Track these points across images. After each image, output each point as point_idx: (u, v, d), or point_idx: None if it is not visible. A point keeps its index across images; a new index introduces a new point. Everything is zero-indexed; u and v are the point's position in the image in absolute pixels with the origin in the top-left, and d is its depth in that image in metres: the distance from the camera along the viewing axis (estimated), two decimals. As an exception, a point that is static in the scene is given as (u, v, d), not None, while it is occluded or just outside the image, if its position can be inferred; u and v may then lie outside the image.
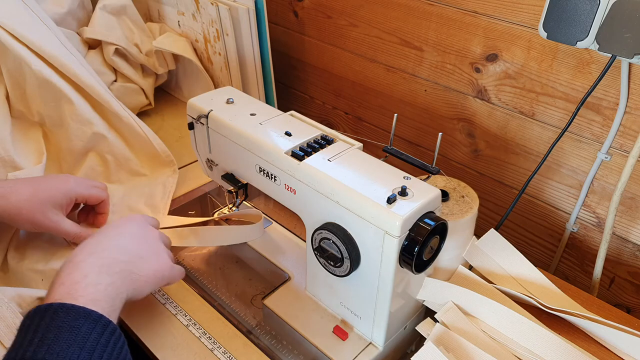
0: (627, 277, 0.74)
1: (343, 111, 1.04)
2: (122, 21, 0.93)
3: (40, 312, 0.42)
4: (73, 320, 0.42)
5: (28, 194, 0.61)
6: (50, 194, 0.62)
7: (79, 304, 0.43)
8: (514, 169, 0.80)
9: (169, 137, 0.93)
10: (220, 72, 0.96)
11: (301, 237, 0.73)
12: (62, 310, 0.42)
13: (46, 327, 0.41)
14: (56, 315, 0.42)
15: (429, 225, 0.48)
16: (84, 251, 0.50)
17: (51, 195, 0.62)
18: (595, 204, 0.73)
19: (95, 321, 0.43)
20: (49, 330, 0.40)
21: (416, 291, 0.59)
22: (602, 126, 0.68)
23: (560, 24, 0.60)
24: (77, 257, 0.49)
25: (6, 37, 0.69)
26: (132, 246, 0.54)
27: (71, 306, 0.43)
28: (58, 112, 0.76)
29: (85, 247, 0.51)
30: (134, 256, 0.53)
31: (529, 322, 0.56)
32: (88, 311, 0.43)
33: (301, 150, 0.55)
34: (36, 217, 0.61)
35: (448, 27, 0.78)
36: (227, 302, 0.65)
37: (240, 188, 0.67)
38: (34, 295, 0.57)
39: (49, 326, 0.41)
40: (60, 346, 0.40)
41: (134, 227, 0.56)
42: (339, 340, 0.58)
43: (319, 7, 0.94)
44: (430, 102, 0.86)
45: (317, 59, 1.02)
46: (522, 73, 0.72)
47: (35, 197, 0.61)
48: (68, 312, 0.42)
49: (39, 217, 0.61)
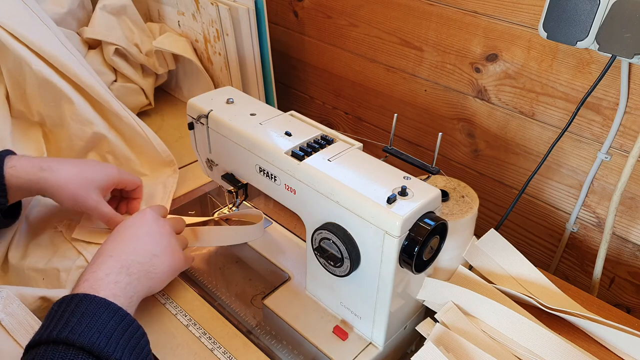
0: (627, 277, 0.74)
1: (343, 111, 1.04)
2: (122, 21, 0.93)
3: (67, 300, 0.47)
4: (94, 308, 0.47)
5: (75, 171, 0.64)
6: (95, 175, 0.66)
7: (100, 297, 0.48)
8: (514, 169, 0.80)
9: (169, 137, 0.93)
10: (220, 72, 0.96)
11: (301, 237, 0.73)
12: (85, 299, 0.47)
13: (71, 313, 0.46)
14: (80, 303, 0.47)
15: (429, 225, 0.48)
16: (104, 253, 0.54)
17: (96, 177, 0.65)
18: (595, 204, 0.73)
19: (114, 311, 0.48)
20: (73, 315, 0.45)
21: (416, 291, 0.59)
22: (602, 126, 0.68)
23: (560, 24, 0.60)
24: (99, 259, 0.53)
25: (6, 37, 0.69)
26: (147, 246, 0.57)
27: (93, 297, 0.48)
28: (58, 112, 0.76)
29: (105, 250, 0.55)
30: (150, 256, 0.56)
31: (529, 322, 0.56)
32: (108, 302, 0.48)
33: (301, 150, 0.55)
34: (79, 194, 0.64)
35: (448, 27, 0.78)
36: (227, 302, 0.65)
37: (240, 188, 0.67)
38: (36, 294, 0.57)
39: (73, 312, 0.46)
40: (81, 329, 0.44)
41: (148, 225, 0.59)
42: (339, 340, 0.58)
43: (319, 7, 0.95)
44: (430, 102, 0.86)
45: (317, 59, 1.02)
46: (522, 73, 0.72)
47: (81, 175, 0.64)
48: (90, 302, 0.47)
49: (82, 194, 0.64)
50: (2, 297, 0.53)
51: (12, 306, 0.53)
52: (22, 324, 0.52)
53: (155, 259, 0.57)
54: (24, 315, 0.53)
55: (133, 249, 0.55)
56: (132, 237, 0.57)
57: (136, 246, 0.56)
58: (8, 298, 0.53)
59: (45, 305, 0.58)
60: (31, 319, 0.53)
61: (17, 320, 0.52)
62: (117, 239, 0.57)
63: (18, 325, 0.52)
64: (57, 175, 0.63)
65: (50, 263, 0.66)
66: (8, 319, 0.52)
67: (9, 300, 0.53)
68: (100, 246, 0.56)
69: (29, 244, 0.68)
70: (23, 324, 0.52)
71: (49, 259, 0.66)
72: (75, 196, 0.64)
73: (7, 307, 0.53)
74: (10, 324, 0.52)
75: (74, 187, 0.63)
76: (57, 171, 0.63)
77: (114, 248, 0.55)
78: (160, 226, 0.60)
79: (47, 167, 0.63)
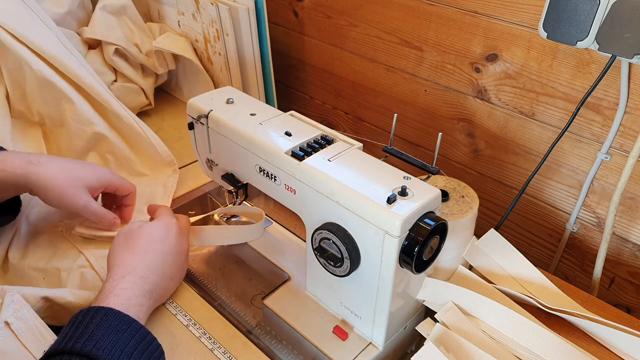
0: (627, 277, 0.74)
1: (343, 111, 1.04)
2: (122, 21, 0.93)
3: (93, 311, 0.48)
4: (119, 325, 0.47)
5: (64, 168, 0.62)
6: (85, 174, 0.64)
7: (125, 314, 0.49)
8: (514, 169, 0.80)
9: (169, 137, 0.93)
10: (220, 72, 0.96)
11: (301, 237, 0.73)
12: (111, 314, 0.48)
13: (96, 326, 0.46)
14: (106, 317, 0.47)
15: (429, 225, 0.48)
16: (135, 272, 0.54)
17: (86, 176, 0.64)
18: (595, 204, 0.73)
19: (136, 330, 0.48)
20: (99, 329, 0.46)
21: (416, 291, 0.59)
22: (602, 126, 0.68)
23: (560, 24, 0.60)
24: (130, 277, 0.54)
25: (6, 37, 0.69)
26: (169, 271, 0.58)
27: (118, 312, 0.48)
28: (58, 112, 0.76)
29: (136, 268, 0.55)
30: (168, 280, 0.58)
31: (529, 322, 0.56)
32: (131, 320, 0.49)
33: (301, 150, 0.55)
34: (68, 192, 0.62)
35: (448, 27, 0.78)
36: (227, 302, 0.65)
37: (240, 188, 0.67)
38: (37, 295, 0.57)
39: (98, 325, 0.46)
40: (106, 345, 0.45)
41: (173, 244, 0.60)
42: (339, 340, 0.58)
43: (319, 7, 0.95)
44: (430, 102, 0.86)
45: (317, 59, 1.02)
46: (522, 73, 0.72)
47: (71, 173, 0.62)
48: (116, 317, 0.48)
49: (70, 193, 0.62)
50: (13, 302, 0.53)
51: (23, 311, 0.53)
52: (32, 329, 0.52)
53: (170, 283, 0.59)
54: (34, 321, 0.53)
55: (160, 271, 0.57)
56: (160, 256, 0.57)
57: (162, 269, 0.57)
58: (19, 302, 0.54)
59: (47, 305, 0.58)
60: (40, 325, 0.53)
61: (27, 326, 0.52)
62: (146, 254, 0.57)
63: (27, 331, 0.52)
64: (45, 170, 0.60)
65: (50, 262, 0.66)
66: (18, 324, 0.52)
67: (19, 304, 0.54)
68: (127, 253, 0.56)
69: (29, 243, 0.68)
70: (32, 329, 0.52)
71: (50, 259, 0.66)
72: (62, 193, 0.61)
73: (17, 311, 0.53)
74: (19, 328, 0.52)
75: (61, 184, 0.61)
76: (45, 166, 0.61)
77: (145, 267, 0.55)
78: (182, 245, 0.61)
79: (36, 161, 0.61)
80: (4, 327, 0.51)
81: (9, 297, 0.54)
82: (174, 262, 0.59)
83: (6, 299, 0.53)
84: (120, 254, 0.56)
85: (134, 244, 0.57)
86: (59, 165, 0.62)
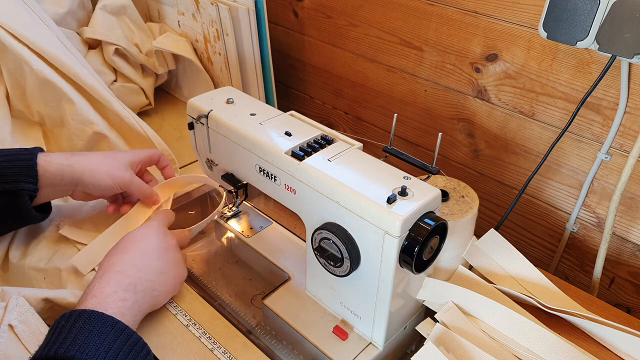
0: (627, 277, 0.74)
1: (343, 111, 1.04)
2: (122, 21, 0.93)
3: (75, 315, 0.47)
4: (101, 327, 0.47)
5: (103, 155, 0.68)
6: (123, 155, 0.69)
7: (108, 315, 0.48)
8: (514, 169, 0.80)
9: (169, 137, 0.93)
10: (220, 72, 0.96)
11: (301, 237, 0.73)
12: (94, 316, 0.48)
13: (79, 330, 0.46)
14: (89, 320, 0.47)
15: (429, 225, 0.48)
16: (112, 268, 0.55)
17: (124, 157, 0.69)
18: (595, 204, 0.73)
19: (120, 331, 0.48)
20: (81, 332, 0.46)
21: (416, 291, 0.59)
22: (602, 126, 0.68)
23: (560, 24, 0.60)
24: (107, 274, 0.54)
25: (6, 37, 0.69)
26: (154, 264, 0.58)
27: (101, 314, 0.48)
28: (58, 112, 0.76)
29: (113, 263, 0.55)
30: (156, 273, 0.57)
31: (529, 322, 0.56)
32: (115, 321, 0.48)
33: (301, 150, 0.55)
34: (114, 171, 0.66)
35: (448, 27, 0.78)
36: (227, 302, 0.65)
37: (240, 188, 0.67)
38: (39, 296, 0.57)
39: (81, 329, 0.46)
40: (89, 348, 0.45)
41: (155, 241, 0.60)
42: (339, 340, 0.58)
43: (319, 7, 0.95)
44: (430, 102, 0.86)
45: (317, 59, 1.02)
46: (522, 73, 0.72)
47: (111, 156, 0.68)
48: (99, 319, 0.47)
49: (115, 171, 0.66)
50: (18, 305, 0.53)
51: (27, 314, 0.53)
52: (35, 333, 0.52)
53: (161, 277, 0.58)
54: (37, 324, 0.53)
55: (141, 265, 0.56)
56: (140, 252, 0.58)
57: (144, 262, 0.57)
58: (23, 306, 0.54)
59: (48, 306, 0.58)
60: (43, 329, 0.53)
61: (30, 329, 0.52)
62: (124, 253, 0.57)
63: (30, 334, 0.52)
64: (88, 158, 0.66)
65: (51, 262, 0.66)
66: (21, 327, 0.52)
67: (24, 308, 0.54)
68: (107, 257, 0.57)
69: (29, 243, 0.68)
70: (35, 332, 0.52)
71: (50, 258, 0.66)
72: (110, 172, 0.66)
73: (21, 314, 0.53)
74: (22, 331, 0.52)
75: (107, 163, 0.66)
76: (87, 156, 0.66)
77: (122, 263, 0.55)
78: (167, 241, 0.61)
79: (77, 154, 0.66)
80: (7, 330, 0.51)
81: (13, 300, 0.54)
82: (159, 256, 0.59)
83: (10, 302, 0.54)
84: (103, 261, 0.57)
85: (115, 248, 0.58)
86: (97, 154, 0.68)
